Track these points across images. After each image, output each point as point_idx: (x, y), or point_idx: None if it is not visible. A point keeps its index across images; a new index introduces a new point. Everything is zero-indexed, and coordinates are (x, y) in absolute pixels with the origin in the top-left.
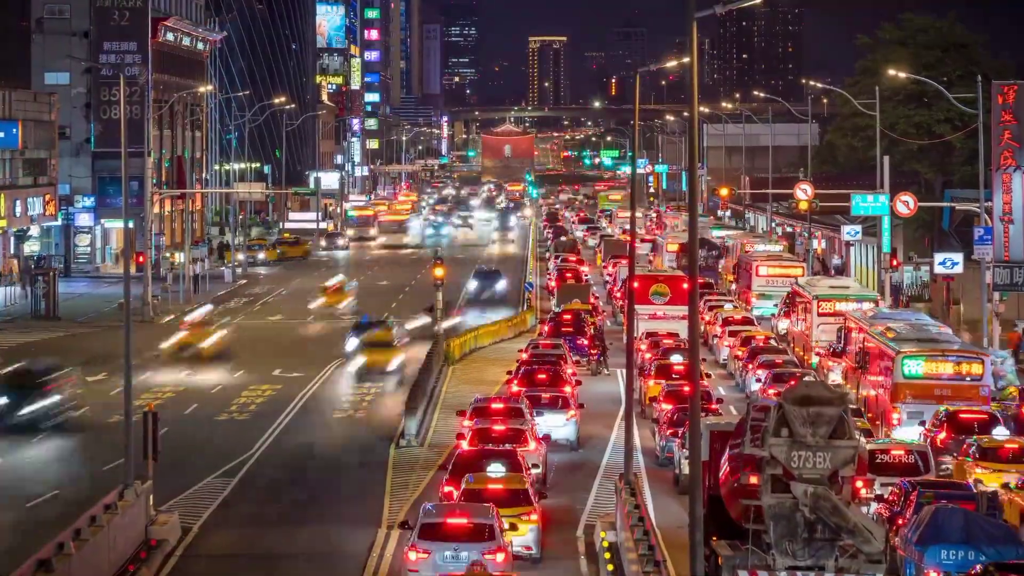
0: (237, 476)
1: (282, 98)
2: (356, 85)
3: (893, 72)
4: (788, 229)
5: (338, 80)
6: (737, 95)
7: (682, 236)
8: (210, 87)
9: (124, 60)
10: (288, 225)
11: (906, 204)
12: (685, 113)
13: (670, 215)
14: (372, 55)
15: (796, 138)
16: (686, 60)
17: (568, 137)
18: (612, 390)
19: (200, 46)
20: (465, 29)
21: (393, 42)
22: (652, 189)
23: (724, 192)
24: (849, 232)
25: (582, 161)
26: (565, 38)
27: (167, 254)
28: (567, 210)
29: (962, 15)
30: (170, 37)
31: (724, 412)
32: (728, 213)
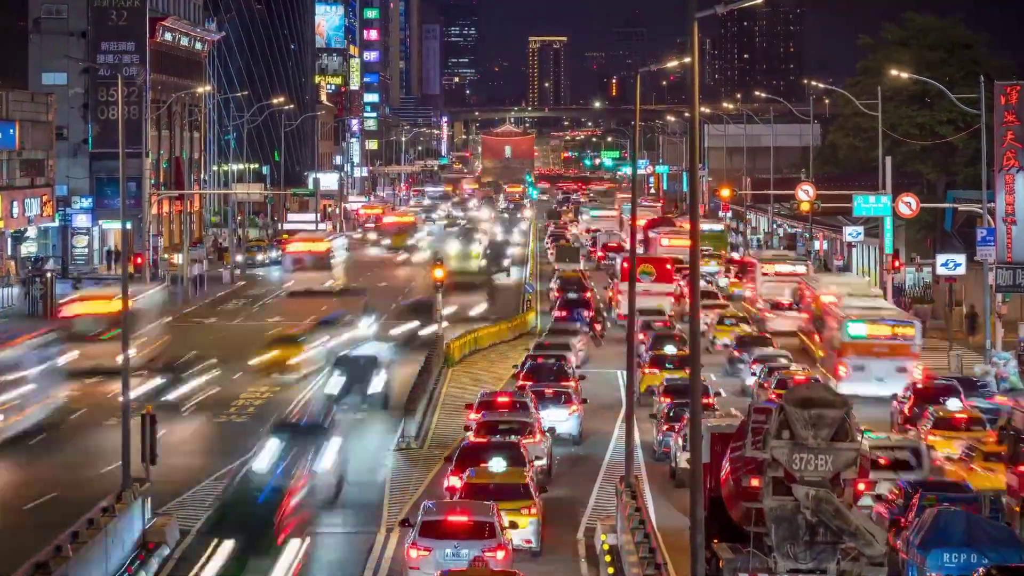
0: (236, 478)
1: (281, 98)
2: (355, 85)
3: (895, 72)
4: (790, 230)
5: (337, 80)
6: (738, 95)
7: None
8: (208, 87)
9: (122, 60)
10: (287, 226)
11: (908, 205)
12: (686, 113)
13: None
14: (371, 55)
15: (798, 139)
16: (687, 60)
17: (568, 138)
18: (613, 382)
19: (198, 46)
20: (465, 29)
21: (392, 42)
22: (653, 189)
23: (725, 193)
24: (851, 233)
25: (583, 162)
26: (565, 38)
27: (165, 255)
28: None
29: (964, 15)
30: (168, 37)
31: (720, 405)
32: (729, 214)
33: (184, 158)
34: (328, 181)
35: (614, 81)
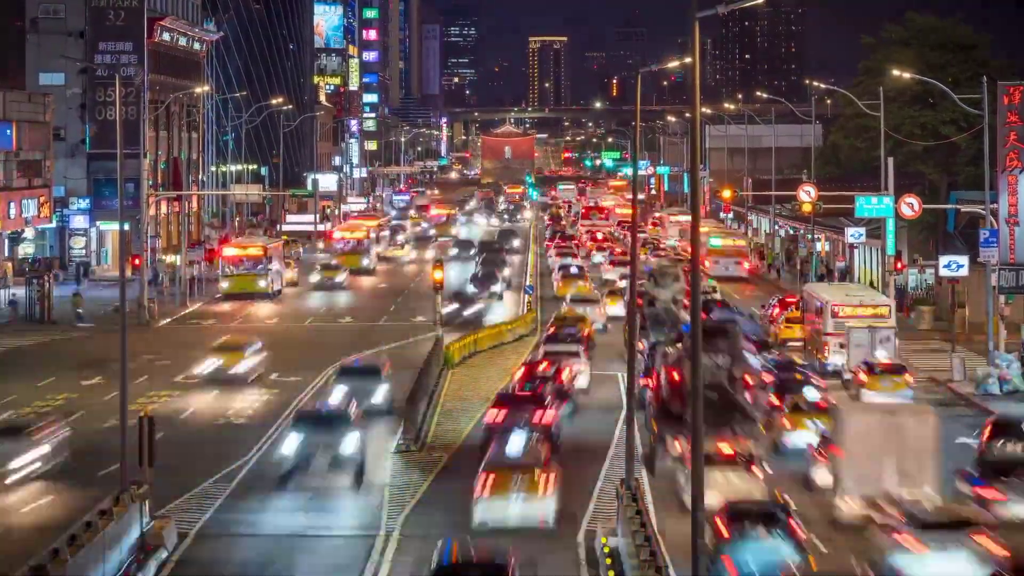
0: (234, 481)
1: (280, 99)
2: (354, 86)
3: (897, 72)
4: (791, 231)
5: (336, 81)
6: (739, 96)
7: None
8: (207, 88)
9: (120, 60)
10: (285, 227)
11: (911, 206)
12: (687, 114)
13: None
14: (371, 55)
15: (799, 139)
16: (688, 60)
17: (569, 138)
18: (615, 379)
19: (197, 46)
20: (465, 29)
21: (392, 42)
22: (653, 191)
23: (726, 194)
24: (853, 234)
25: (583, 163)
26: (565, 38)
27: (163, 256)
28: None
29: (967, 15)
30: (166, 37)
31: None
32: (731, 215)
33: (182, 159)
34: (327, 182)
35: (615, 81)
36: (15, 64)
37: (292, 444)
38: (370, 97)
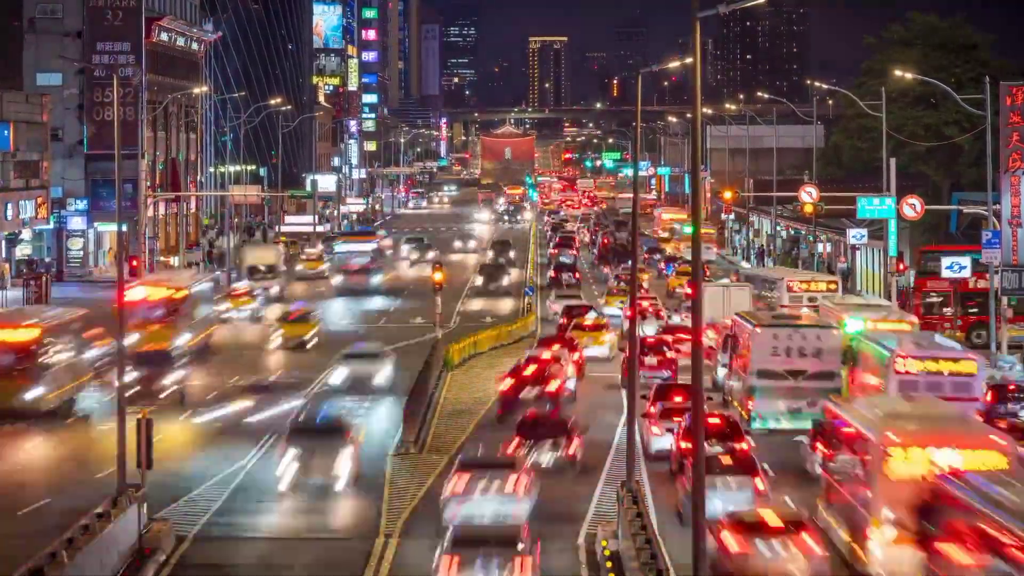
0: (232, 484)
1: (278, 99)
2: (353, 86)
3: (900, 73)
4: (792, 232)
5: (335, 81)
6: (741, 96)
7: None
8: (205, 88)
9: (118, 60)
10: (284, 228)
11: (913, 207)
12: (688, 114)
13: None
14: (370, 56)
15: (801, 140)
16: (689, 60)
17: (569, 139)
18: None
19: (195, 46)
20: (464, 29)
21: (391, 42)
22: (655, 191)
23: (728, 195)
24: (855, 235)
25: (583, 164)
26: (566, 38)
27: (161, 258)
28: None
29: (969, 15)
30: (164, 37)
31: None
32: (732, 217)
33: (180, 160)
34: (326, 183)
35: (615, 82)
36: (12, 64)
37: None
38: (369, 97)
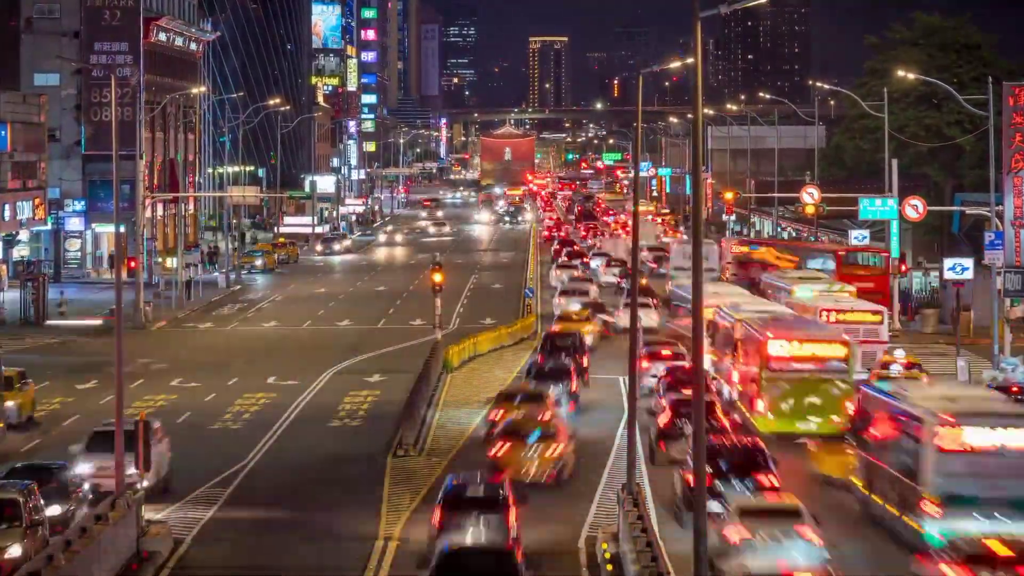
0: (231, 486)
1: (277, 100)
2: (352, 86)
3: (902, 73)
4: (794, 233)
5: (334, 81)
6: (742, 97)
7: None
8: (203, 88)
9: (115, 61)
10: (283, 230)
11: (915, 208)
12: (689, 115)
13: None
14: (369, 56)
15: (803, 140)
16: (690, 61)
17: (569, 140)
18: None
19: (193, 46)
20: (464, 29)
21: (390, 42)
22: (656, 192)
23: (729, 196)
24: (857, 236)
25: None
26: (566, 38)
27: (159, 259)
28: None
29: (973, 15)
30: (162, 37)
31: None
32: (733, 218)
33: (178, 160)
34: (325, 184)
35: (616, 82)
36: (10, 64)
37: None
38: (368, 98)
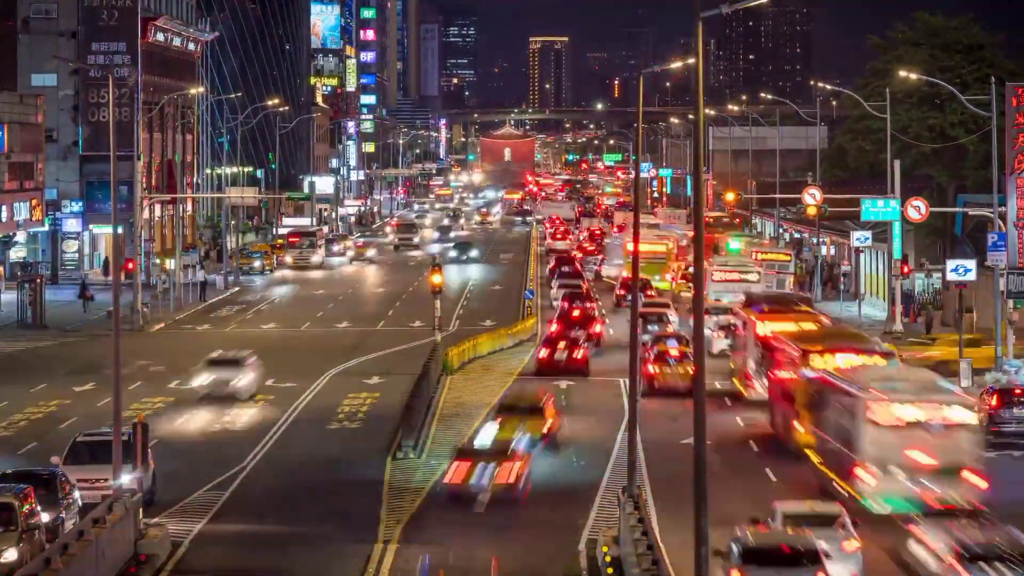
0: (229, 489)
1: (275, 100)
2: (351, 87)
3: (904, 74)
4: (796, 235)
5: (333, 82)
6: (744, 97)
7: None
8: (201, 89)
9: (113, 61)
10: (282, 231)
11: (918, 209)
12: (690, 116)
13: None
14: (368, 56)
15: (804, 141)
16: (691, 61)
17: (570, 140)
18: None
19: (191, 47)
20: (464, 29)
21: (390, 43)
22: (657, 193)
23: (730, 197)
24: (859, 238)
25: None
26: (567, 38)
27: (157, 260)
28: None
29: (976, 15)
30: (160, 37)
31: None
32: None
33: (176, 161)
34: (324, 185)
35: (617, 82)
36: (6, 65)
37: None
38: (367, 98)
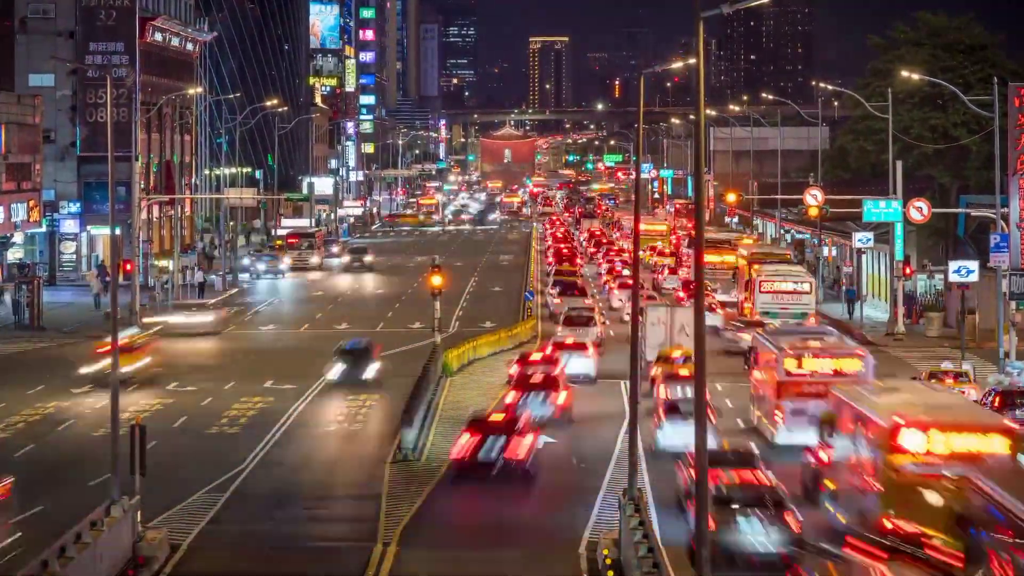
0: (228, 491)
1: (274, 101)
2: (351, 87)
3: (906, 74)
4: (798, 235)
5: (332, 82)
6: (745, 97)
7: None
8: (200, 89)
9: (111, 61)
10: (281, 232)
11: (920, 210)
12: (691, 116)
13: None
14: (367, 56)
15: (806, 142)
16: (692, 61)
17: (570, 141)
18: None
19: (189, 47)
20: (464, 29)
21: (389, 43)
22: (657, 194)
23: (731, 198)
24: (861, 239)
25: (585, 166)
26: (567, 38)
27: (155, 261)
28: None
29: (978, 15)
30: (158, 37)
31: None
32: (736, 219)
33: (175, 162)
34: (323, 185)
35: (617, 82)
36: (4, 65)
37: None
38: (367, 99)
